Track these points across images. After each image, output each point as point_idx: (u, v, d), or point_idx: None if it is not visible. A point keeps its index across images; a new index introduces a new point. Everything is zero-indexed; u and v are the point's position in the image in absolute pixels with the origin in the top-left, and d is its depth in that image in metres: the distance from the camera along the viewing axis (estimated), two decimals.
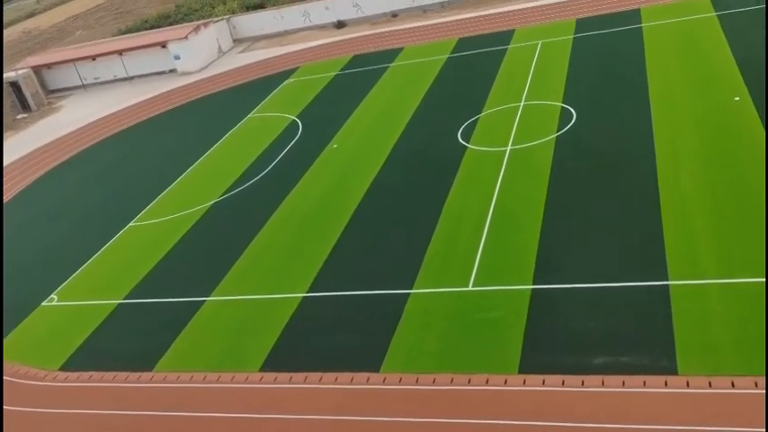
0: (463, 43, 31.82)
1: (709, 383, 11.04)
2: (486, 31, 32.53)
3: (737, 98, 19.62)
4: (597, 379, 11.71)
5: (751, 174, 16.05)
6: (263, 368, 14.17)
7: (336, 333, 14.74)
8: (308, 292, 16.26)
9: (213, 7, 47.90)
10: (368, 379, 13.13)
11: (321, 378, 13.47)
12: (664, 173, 17.02)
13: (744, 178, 15.97)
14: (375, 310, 15.02)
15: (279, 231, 19.41)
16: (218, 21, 43.00)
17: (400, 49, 33.43)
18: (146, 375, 14.84)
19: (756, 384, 10.80)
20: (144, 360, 15.29)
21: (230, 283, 17.48)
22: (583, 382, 11.75)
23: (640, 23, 27.71)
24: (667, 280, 13.46)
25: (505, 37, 30.84)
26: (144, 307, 17.50)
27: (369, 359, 13.59)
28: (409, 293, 15.23)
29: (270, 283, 17.07)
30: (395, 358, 13.47)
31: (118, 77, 41.92)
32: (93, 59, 41.81)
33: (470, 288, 14.88)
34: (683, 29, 25.99)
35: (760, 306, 12.25)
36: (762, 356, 11.24)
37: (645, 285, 13.53)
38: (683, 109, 19.93)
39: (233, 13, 44.73)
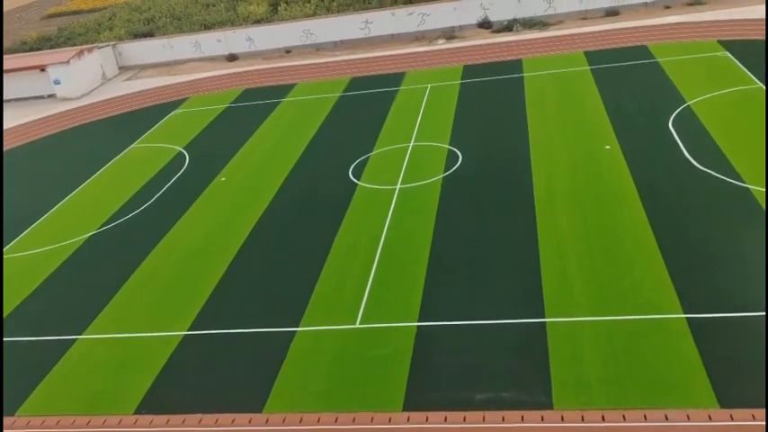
0: (355, 83, 32.35)
1: (582, 417, 11.54)
2: (377, 72, 33.26)
3: (608, 146, 21.03)
4: (479, 415, 11.95)
5: (619, 217, 17.15)
6: (139, 410, 13.44)
7: (218, 373, 14.25)
8: (189, 330, 15.67)
9: (99, 33, 46.19)
10: (250, 420, 12.74)
11: (201, 420, 12.93)
12: (541, 214, 17.88)
13: (613, 221, 17.04)
14: (260, 349, 14.68)
15: (160, 267, 18.69)
16: (103, 47, 41.48)
17: (293, 85, 33.53)
18: (7, 420, 13.68)
19: (624, 417, 11.39)
20: (5, 404, 14.11)
21: (105, 321, 16.57)
22: (465, 417, 11.95)
23: (522, 73, 29.28)
24: (544, 317, 14.05)
25: (396, 79, 31.66)
26: (8, 346, 16.23)
27: (251, 399, 13.21)
28: (296, 331, 15.02)
29: (149, 320, 16.33)
30: (279, 398, 13.18)
31: None
32: None
33: (358, 326, 14.87)
34: (561, 80, 27.69)
35: (628, 342, 12.99)
36: (628, 390, 11.90)
37: (524, 322, 14.04)
38: (559, 155, 21.11)
39: (120, 40, 43.31)
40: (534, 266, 15.77)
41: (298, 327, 15.14)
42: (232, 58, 40.39)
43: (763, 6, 32.20)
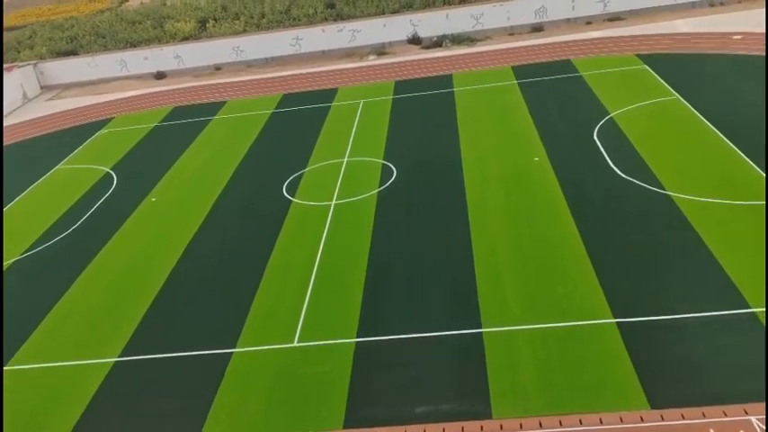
0: (288, 99, 32.22)
1: (521, 425, 11.71)
2: (310, 89, 33.23)
3: (537, 158, 21.59)
4: (419, 428, 11.96)
5: (550, 226, 17.59)
6: None
7: (153, 399, 13.81)
8: (120, 357, 15.17)
9: (18, 51, 44.55)
10: None
11: None
12: (475, 225, 18.16)
13: (544, 230, 17.46)
14: (195, 373, 14.33)
15: (88, 291, 18.05)
16: (23, 66, 40.03)
17: (224, 103, 33.12)
18: None
19: (561, 423, 11.62)
20: None
21: (31, 351, 15.87)
22: (405, 431, 11.95)
23: (452, 88, 29.79)
24: (481, 327, 14.24)
25: (329, 95, 31.70)
26: None
27: (188, 425, 12.86)
28: (232, 352, 14.73)
29: (77, 348, 15.73)
30: (216, 422, 12.87)
31: None
32: None
33: (295, 344, 14.71)
34: (490, 94, 28.30)
35: (562, 348, 13.30)
36: (564, 396, 12.17)
37: (461, 333, 14.19)
38: (491, 167, 21.53)
39: (41, 59, 41.89)
40: (470, 277, 15.98)
41: (234, 348, 14.86)
42: (160, 75, 39.63)
43: (678, 22, 33.85)
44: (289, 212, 20.67)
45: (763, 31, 30.14)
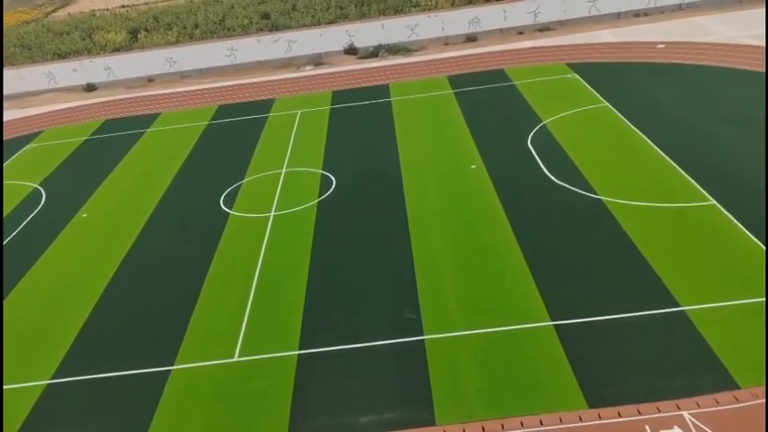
0: (223, 110, 31.80)
1: (463, 430, 11.81)
2: (246, 99, 32.89)
3: (474, 166, 21.92)
4: None
5: (488, 232, 17.88)
6: None
7: (87, 422, 13.34)
8: (52, 379, 14.60)
9: None
10: None
11: None
12: (415, 233, 18.29)
13: (482, 236, 17.73)
14: (132, 392, 13.92)
15: (17, 312, 17.33)
16: None
17: (157, 115, 32.44)
18: None
19: (503, 426, 11.78)
20: None
21: None
22: None
23: (389, 97, 30.00)
24: (423, 335, 14.32)
25: (266, 106, 31.44)
26: None
27: None
28: (170, 370, 14.38)
29: (6, 371, 15.03)
30: None
31: None
32: None
33: (236, 359, 14.47)
34: (426, 103, 28.61)
35: (501, 352, 13.50)
36: (504, 399, 12.35)
37: (403, 341, 14.23)
38: (429, 176, 21.74)
39: None
40: (411, 284, 16.07)
41: (173, 365, 14.51)
42: (90, 87, 38.52)
43: (605, 32, 35.03)
44: (226, 225, 20.37)
45: (686, 40, 31.51)
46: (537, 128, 24.21)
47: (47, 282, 18.63)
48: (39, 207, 23.64)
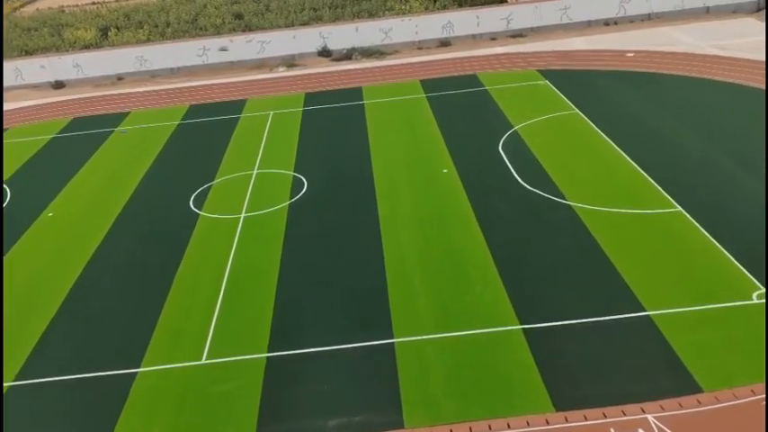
0: (194, 110, 31.51)
1: None
2: (218, 100, 32.65)
3: (445, 170, 22.02)
4: None
5: (458, 236, 17.97)
6: None
7: (51, 425, 13.09)
8: (15, 381, 14.30)
9: None
10: None
11: None
12: (387, 236, 18.31)
13: (453, 240, 17.82)
14: (97, 395, 13.69)
15: None
16: None
17: (126, 113, 32.02)
18: None
19: (471, 429, 11.83)
20: None
21: None
22: None
23: (363, 100, 30.01)
24: (392, 338, 14.33)
25: (237, 106, 31.24)
26: None
27: None
28: (137, 372, 14.18)
29: None
30: None
31: None
32: None
33: (204, 361, 14.33)
34: (399, 107, 28.69)
35: (470, 356, 13.56)
36: (473, 403, 12.42)
37: (373, 345, 14.22)
38: (401, 179, 21.79)
39: None
40: (381, 288, 16.07)
41: (139, 368, 14.31)
42: (58, 85, 37.90)
43: (576, 39, 35.48)
44: (196, 226, 20.18)
45: (654, 49, 32.06)
46: (508, 133, 24.42)
47: (11, 282, 18.25)
48: (4, 205, 23.17)
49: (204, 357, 14.43)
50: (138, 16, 42.84)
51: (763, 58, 28.85)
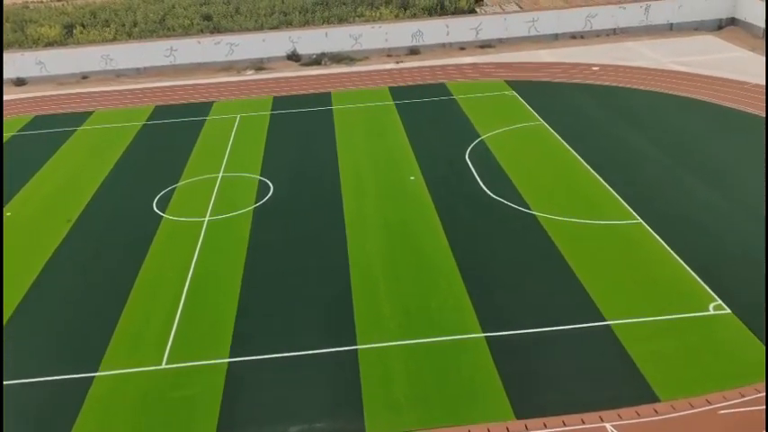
0: (160, 111, 31.11)
1: None
2: (184, 101, 32.27)
3: (413, 178, 22.10)
4: None
5: (424, 243, 18.02)
6: None
7: (4, 429, 12.72)
8: None
9: None
10: None
11: None
12: (352, 243, 18.28)
13: (418, 248, 17.87)
14: (52, 399, 13.38)
15: None
16: None
17: (90, 113, 31.47)
18: None
19: None
20: None
21: None
22: None
23: (331, 106, 29.97)
24: (356, 344, 14.29)
25: (204, 108, 30.92)
26: None
27: None
28: (93, 377, 13.90)
29: None
30: None
31: None
32: None
33: (164, 366, 14.11)
34: (368, 113, 28.72)
35: (433, 363, 13.60)
36: (435, 410, 12.45)
37: (336, 351, 14.17)
38: (368, 186, 21.79)
39: None
40: (346, 294, 16.03)
41: (96, 371, 14.03)
42: (20, 82, 37.07)
43: (543, 52, 35.97)
44: (159, 229, 19.89)
45: (619, 63, 32.67)
46: (475, 142, 24.62)
47: None
48: None
49: (164, 362, 14.21)
50: (104, 15, 42.17)
51: (722, 75, 29.69)
